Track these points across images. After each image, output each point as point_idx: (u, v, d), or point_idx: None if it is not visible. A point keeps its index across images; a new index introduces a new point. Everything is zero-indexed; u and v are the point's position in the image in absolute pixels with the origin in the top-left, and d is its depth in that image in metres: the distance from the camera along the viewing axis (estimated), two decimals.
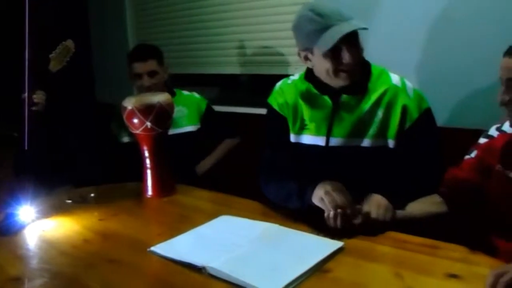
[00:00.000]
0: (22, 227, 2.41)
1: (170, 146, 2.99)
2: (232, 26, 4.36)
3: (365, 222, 2.15)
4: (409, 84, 2.51)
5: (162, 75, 3.62)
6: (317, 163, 2.53)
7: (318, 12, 2.34)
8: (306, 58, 2.49)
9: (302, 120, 2.58)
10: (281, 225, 2.23)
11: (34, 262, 2.09)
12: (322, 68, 2.42)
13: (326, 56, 2.37)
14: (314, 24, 2.34)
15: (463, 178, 2.32)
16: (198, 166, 3.75)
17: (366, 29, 2.34)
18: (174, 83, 3.93)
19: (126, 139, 3.60)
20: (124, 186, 3.05)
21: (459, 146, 2.38)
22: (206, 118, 3.77)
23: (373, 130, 2.46)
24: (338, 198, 2.16)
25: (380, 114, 2.45)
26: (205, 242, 2.11)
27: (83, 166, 4.20)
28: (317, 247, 1.98)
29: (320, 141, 2.53)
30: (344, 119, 2.49)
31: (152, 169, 2.81)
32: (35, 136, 3.02)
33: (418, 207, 2.33)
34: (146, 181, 2.84)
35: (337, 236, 2.09)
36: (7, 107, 3.29)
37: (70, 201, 2.79)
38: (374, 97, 2.47)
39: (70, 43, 3.34)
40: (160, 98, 2.75)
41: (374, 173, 2.44)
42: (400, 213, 2.26)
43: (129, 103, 2.70)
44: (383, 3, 3.36)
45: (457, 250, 1.98)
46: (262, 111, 2.78)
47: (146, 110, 2.68)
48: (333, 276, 1.81)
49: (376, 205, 2.21)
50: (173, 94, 3.64)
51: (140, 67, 3.54)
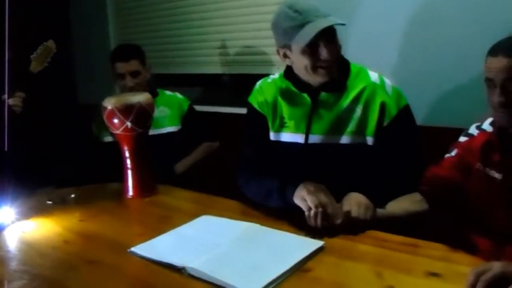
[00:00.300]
0: (1, 229, 2.40)
1: (152, 146, 2.98)
2: (214, 25, 4.36)
3: (345, 221, 2.14)
4: (387, 81, 2.52)
5: (145, 75, 3.61)
6: (296, 161, 2.53)
7: (295, 9, 2.34)
8: (285, 56, 2.50)
9: (282, 118, 2.58)
10: (261, 224, 2.23)
11: (13, 264, 2.07)
12: (301, 65, 2.42)
13: (304, 52, 2.38)
14: (291, 20, 2.35)
15: (444, 177, 2.32)
16: (177, 164, 3.73)
17: (343, 24, 2.35)
18: (157, 83, 3.91)
19: (107, 139, 3.58)
20: (105, 187, 3.04)
21: (440, 145, 2.38)
22: (187, 119, 3.76)
23: (351, 127, 2.46)
24: (320, 197, 2.16)
25: (358, 111, 2.46)
26: (185, 242, 2.11)
27: (64, 167, 4.18)
28: (297, 247, 1.98)
29: (299, 138, 2.53)
30: (323, 117, 2.49)
31: (132, 169, 2.80)
32: (15, 137, 3.00)
33: (398, 206, 2.34)
34: (126, 181, 2.82)
35: (317, 235, 2.09)
36: None
37: (50, 202, 2.77)
38: (352, 94, 2.48)
39: (51, 44, 3.32)
40: (140, 98, 2.74)
41: (353, 170, 2.44)
42: (380, 211, 2.27)
43: (109, 103, 2.69)
44: (362, 2, 3.37)
45: (437, 249, 1.99)
46: (245, 111, 2.78)
47: (126, 110, 2.67)
48: (313, 275, 1.81)
49: (356, 204, 2.21)
50: (155, 94, 3.63)
51: (122, 67, 3.53)
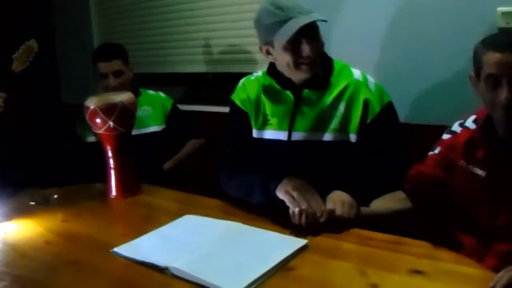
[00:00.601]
0: None
1: (136, 146, 2.97)
2: (197, 24, 4.34)
3: (329, 219, 2.14)
4: (370, 78, 2.52)
5: (128, 75, 3.59)
6: (279, 158, 2.53)
7: (278, 5, 2.35)
8: (268, 53, 2.50)
9: (265, 115, 2.59)
10: (245, 223, 2.22)
11: None
12: (283, 61, 2.43)
13: (286, 49, 2.39)
14: (274, 17, 2.36)
15: (427, 174, 2.33)
16: (165, 164, 3.71)
17: (325, 21, 2.35)
18: (140, 83, 3.89)
19: (90, 139, 3.55)
20: (88, 187, 3.02)
21: (423, 142, 2.38)
22: (171, 118, 3.74)
23: (334, 124, 2.46)
24: (305, 194, 2.17)
25: (341, 108, 2.46)
26: (168, 242, 2.10)
27: (47, 167, 4.15)
28: (280, 245, 1.98)
29: (282, 135, 2.53)
30: (306, 114, 2.50)
31: (116, 169, 2.78)
32: None
33: (382, 204, 2.34)
34: (110, 181, 2.81)
35: (301, 233, 2.09)
36: None
37: (33, 203, 2.75)
38: (335, 91, 2.48)
39: (33, 43, 3.30)
40: (122, 97, 2.72)
41: (337, 167, 2.44)
42: (364, 209, 2.27)
43: (91, 103, 2.68)
44: (346, 0, 3.37)
45: (421, 246, 1.99)
46: (229, 109, 2.77)
47: (109, 110, 2.66)
48: (297, 274, 1.81)
49: (340, 202, 2.20)
50: (138, 94, 3.61)
51: (105, 67, 3.51)
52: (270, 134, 2.57)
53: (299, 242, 1.99)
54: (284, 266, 1.84)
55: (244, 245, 2.02)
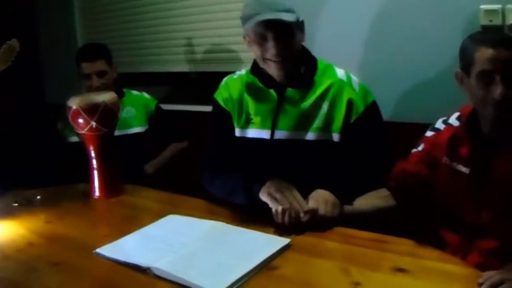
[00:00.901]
0: None
1: (119, 146, 2.97)
2: (180, 23, 4.35)
3: (312, 218, 2.13)
4: (354, 78, 2.53)
5: (111, 75, 3.58)
6: (262, 157, 2.52)
7: (261, 1, 2.36)
8: (248, 43, 2.52)
9: (248, 114, 2.58)
10: (228, 223, 2.22)
11: None
12: (255, 53, 2.47)
13: (254, 42, 2.43)
14: (249, 9, 2.39)
15: (411, 172, 2.33)
16: (148, 164, 3.70)
17: (291, 22, 2.34)
18: (124, 82, 3.88)
19: (74, 140, 3.53)
20: (71, 188, 3.00)
21: (407, 140, 2.39)
22: (154, 119, 3.72)
23: (317, 123, 2.46)
24: (287, 194, 2.17)
25: (325, 107, 2.46)
26: (151, 242, 2.09)
27: (31, 168, 4.13)
28: (263, 245, 1.97)
29: (265, 134, 2.53)
30: (289, 112, 2.49)
31: (98, 169, 2.77)
32: None
33: (365, 202, 2.34)
34: (93, 182, 2.79)
35: (284, 233, 2.09)
36: None
37: (16, 204, 2.73)
38: (319, 91, 2.48)
39: (14, 43, 3.27)
40: (105, 97, 2.70)
41: (320, 166, 2.44)
42: (348, 208, 2.27)
43: (73, 103, 2.66)
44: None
45: (404, 244, 1.99)
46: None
47: (91, 110, 2.64)
48: (280, 273, 1.81)
49: (323, 201, 2.20)
50: (122, 94, 3.61)
51: (88, 67, 3.50)
52: (253, 132, 2.57)
53: (282, 241, 1.99)
54: (267, 266, 1.84)
55: (227, 244, 2.02)
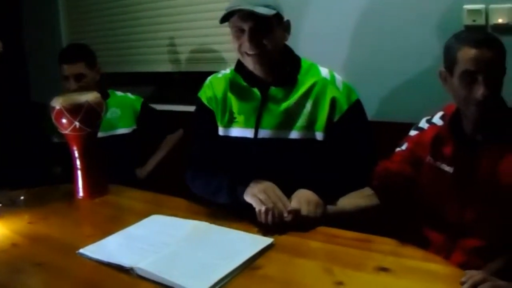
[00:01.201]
0: None
1: (106, 148, 2.97)
2: (165, 23, 4.34)
3: (295, 219, 2.14)
4: (338, 77, 2.53)
5: (91, 77, 3.55)
6: (246, 156, 2.52)
7: None
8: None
9: (231, 113, 2.58)
10: (212, 223, 2.22)
11: None
12: (234, 48, 2.49)
13: (233, 36, 2.45)
14: (231, 3, 2.42)
15: (395, 171, 2.34)
16: (142, 168, 3.70)
17: (264, 15, 2.34)
18: (108, 82, 3.87)
19: (58, 139, 3.52)
20: (55, 188, 2.99)
21: (390, 139, 2.40)
22: (143, 118, 3.70)
23: (301, 122, 2.46)
24: (271, 194, 2.17)
25: (308, 106, 2.46)
26: (134, 243, 2.08)
27: (15, 168, 4.11)
28: (246, 244, 1.97)
29: (248, 133, 2.53)
30: (272, 111, 2.50)
31: (82, 169, 2.75)
32: None
33: (349, 202, 2.35)
34: (77, 182, 2.78)
35: (268, 232, 2.09)
36: None
37: None
38: (303, 89, 2.48)
39: None
40: (88, 97, 2.69)
41: (303, 165, 2.44)
42: (331, 208, 2.27)
43: (57, 103, 2.65)
44: None
45: (388, 244, 1.99)
46: None
47: (74, 110, 2.63)
48: (263, 273, 1.81)
49: (306, 201, 2.20)
50: (106, 96, 3.59)
51: (67, 70, 3.48)
52: (236, 131, 2.56)
53: (265, 241, 1.99)
54: (250, 265, 1.84)
55: (210, 244, 2.01)
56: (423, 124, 2.37)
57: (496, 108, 2.09)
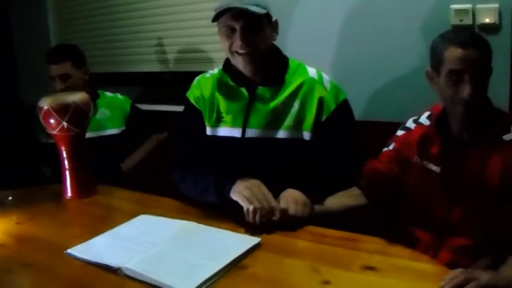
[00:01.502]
0: None
1: (95, 148, 2.97)
2: (154, 23, 4.34)
3: (283, 218, 2.14)
4: (325, 76, 2.53)
5: (78, 78, 3.55)
6: (233, 155, 2.52)
7: None
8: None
9: (219, 112, 2.58)
10: (199, 222, 2.22)
11: None
12: (224, 47, 2.49)
13: (224, 35, 2.45)
14: (220, 2, 2.41)
15: (382, 170, 2.35)
16: (125, 162, 3.69)
17: (256, 13, 2.35)
18: (98, 83, 3.86)
19: (47, 140, 3.51)
20: (43, 188, 2.99)
21: (378, 139, 2.41)
22: (131, 119, 3.70)
23: (288, 121, 2.46)
24: (257, 193, 2.17)
25: (296, 106, 2.47)
26: (121, 243, 2.08)
27: (3, 169, 4.10)
28: (234, 244, 1.98)
29: (236, 132, 2.53)
30: (260, 111, 2.50)
31: (70, 170, 2.75)
32: None
33: (336, 201, 2.35)
34: (65, 182, 2.77)
35: (255, 232, 2.09)
36: None
37: None
38: (290, 89, 2.48)
39: None
40: (76, 97, 2.69)
41: (290, 165, 2.45)
42: (318, 207, 2.28)
43: (44, 103, 2.64)
44: None
45: (375, 243, 2.00)
46: None
47: (62, 110, 2.62)
48: (250, 272, 1.81)
49: (293, 201, 2.21)
50: (96, 96, 3.59)
51: (54, 70, 3.50)
52: (224, 131, 2.56)
53: (253, 241, 1.99)
54: (237, 265, 1.84)
55: (197, 244, 2.01)
56: (410, 124, 2.37)
57: (482, 107, 2.10)
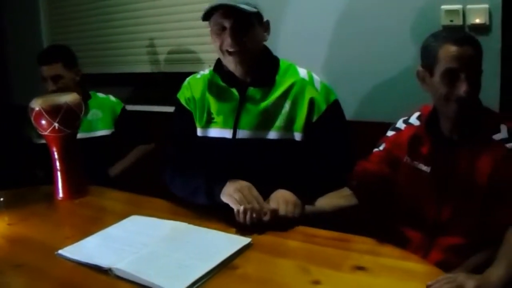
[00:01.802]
0: None
1: (85, 149, 2.96)
2: (145, 24, 4.35)
3: (273, 219, 2.14)
4: (316, 77, 2.54)
5: (69, 79, 3.56)
6: (224, 156, 2.52)
7: None
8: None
9: (209, 113, 2.58)
10: (190, 223, 2.22)
11: None
12: (215, 47, 2.49)
13: (213, 33, 2.46)
14: (212, 1, 2.41)
15: (373, 171, 2.35)
16: (111, 168, 3.68)
17: (246, 10, 2.36)
18: (89, 83, 3.86)
19: (40, 141, 3.51)
20: (35, 189, 2.99)
21: (368, 139, 2.41)
22: (120, 122, 3.70)
23: (279, 122, 2.46)
24: (247, 194, 2.17)
25: (287, 106, 2.47)
26: (112, 243, 2.08)
27: None
28: (224, 244, 1.98)
29: (227, 133, 2.53)
30: (251, 111, 2.50)
31: (62, 171, 2.74)
32: None
33: (327, 202, 2.36)
34: (56, 183, 2.77)
35: (247, 232, 2.09)
36: None
37: None
38: (281, 90, 2.48)
39: None
40: (67, 98, 2.69)
41: (281, 166, 2.45)
42: (309, 208, 2.28)
43: (36, 104, 2.64)
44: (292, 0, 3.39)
45: (365, 243, 2.00)
46: None
47: (53, 111, 2.62)
48: (240, 272, 1.81)
49: (283, 201, 2.21)
50: (88, 97, 3.59)
51: (45, 71, 3.51)
52: (215, 132, 2.56)
53: (243, 241, 2.00)
54: (227, 265, 1.84)
55: (188, 244, 2.01)
56: (400, 124, 2.38)
57: (475, 106, 2.11)
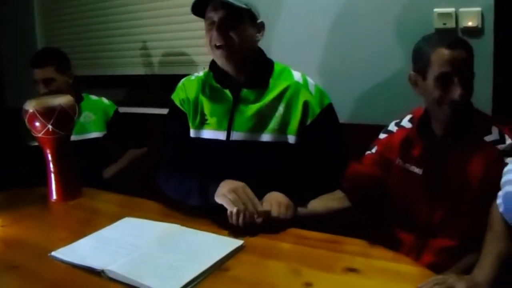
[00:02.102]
0: None
1: (78, 151, 2.96)
2: (139, 27, 4.36)
3: (266, 220, 2.15)
4: (310, 80, 2.54)
5: (61, 82, 3.56)
6: (218, 158, 2.52)
7: None
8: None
9: (203, 115, 2.58)
10: (184, 225, 2.22)
11: None
12: (206, 41, 2.50)
13: (205, 29, 2.48)
14: None
15: (365, 173, 2.36)
16: (105, 170, 3.67)
17: (235, 5, 2.36)
18: (84, 86, 3.86)
19: (34, 143, 3.51)
20: (29, 191, 2.98)
21: (361, 142, 2.42)
22: (112, 125, 3.70)
23: (273, 125, 2.46)
24: (241, 195, 2.17)
25: (281, 109, 2.47)
26: (105, 245, 2.08)
27: None
28: (216, 246, 1.98)
29: (221, 135, 2.53)
30: (244, 113, 2.50)
31: (55, 173, 2.75)
32: None
33: (320, 204, 2.36)
34: (50, 185, 2.77)
35: (238, 234, 2.10)
36: None
37: None
38: (275, 92, 2.49)
39: None
40: (61, 100, 2.69)
41: (275, 168, 2.44)
42: (302, 210, 2.28)
43: (30, 106, 2.64)
44: (286, 3, 3.40)
45: (357, 245, 2.01)
46: None
47: (47, 113, 2.62)
48: (232, 274, 1.81)
49: (276, 203, 2.21)
50: (81, 99, 3.59)
51: (37, 74, 3.51)
52: (208, 134, 2.56)
53: (235, 243, 2.00)
54: (219, 267, 1.85)
55: (181, 246, 2.01)
56: (392, 127, 2.39)
57: (468, 109, 2.12)
